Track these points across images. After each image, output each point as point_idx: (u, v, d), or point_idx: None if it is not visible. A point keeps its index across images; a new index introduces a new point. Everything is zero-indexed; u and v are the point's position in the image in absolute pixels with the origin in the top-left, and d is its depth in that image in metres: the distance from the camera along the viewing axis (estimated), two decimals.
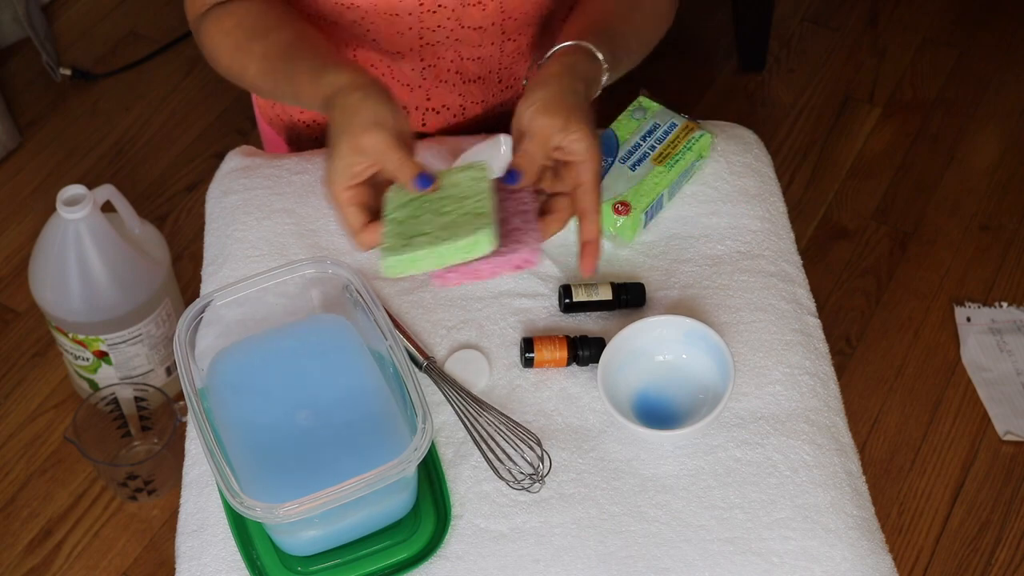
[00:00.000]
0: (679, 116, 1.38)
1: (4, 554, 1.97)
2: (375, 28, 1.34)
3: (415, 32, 1.35)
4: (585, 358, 1.23)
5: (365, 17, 1.33)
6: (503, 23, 1.37)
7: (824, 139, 2.51)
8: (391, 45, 1.37)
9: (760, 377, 1.23)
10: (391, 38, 1.36)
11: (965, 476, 2.04)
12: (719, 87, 2.60)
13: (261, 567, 1.12)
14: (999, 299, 2.25)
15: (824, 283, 2.27)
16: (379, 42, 1.37)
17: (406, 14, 1.32)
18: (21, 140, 2.51)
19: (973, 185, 2.42)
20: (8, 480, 2.04)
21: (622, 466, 1.17)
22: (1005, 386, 2.13)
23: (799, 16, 2.73)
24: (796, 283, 1.31)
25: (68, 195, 1.82)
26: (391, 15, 1.32)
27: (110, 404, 1.96)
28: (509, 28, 1.38)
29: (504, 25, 1.37)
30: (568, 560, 1.12)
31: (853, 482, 1.18)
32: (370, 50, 1.40)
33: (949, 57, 2.64)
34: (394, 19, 1.33)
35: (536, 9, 1.38)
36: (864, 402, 2.12)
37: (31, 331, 2.21)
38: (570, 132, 1.13)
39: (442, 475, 1.16)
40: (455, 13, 1.34)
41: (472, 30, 1.36)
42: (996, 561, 1.95)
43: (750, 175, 1.39)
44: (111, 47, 2.69)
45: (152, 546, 1.97)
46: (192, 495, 1.19)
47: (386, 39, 1.36)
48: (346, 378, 1.12)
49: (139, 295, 1.91)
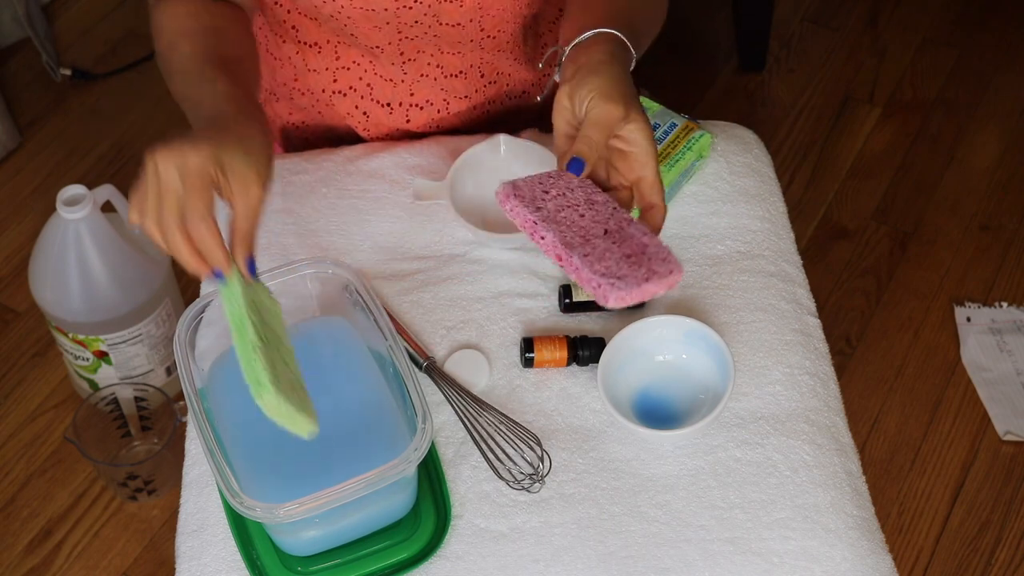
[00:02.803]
0: (679, 116, 1.38)
1: (4, 554, 1.97)
2: (352, 23, 1.34)
3: (392, 27, 1.35)
4: (585, 358, 1.22)
5: (342, 11, 1.32)
6: (481, 20, 1.36)
7: (824, 139, 2.51)
8: (369, 40, 1.36)
9: (760, 377, 1.23)
10: (368, 33, 1.35)
11: (965, 476, 2.04)
12: (719, 87, 2.60)
13: (261, 567, 1.12)
14: (999, 299, 2.25)
15: (824, 283, 2.27)
16: (357, 37, 1.36)
17: (382, 9, 1.32)
18: (21, 140, 2.51)
19: (973, 185, 2.42)
20: (8, 480, 2.04)
21: (622, 466, 1.17)
22: (1005, 386, 2.13)
23: (799, 16, 2.73)
24: (796, 283, 1.31)
25: (68, 195, 1.82)
26: (367, 10, 1.32)
27: (110, 404, 1.96)
28: (488, 25, 1.37)
29: (483, 22, 1.36)
30: (568, 560, 1.12)
31: (853, 482, 1.18)
32: (350, 46, 1.39)
33: (949, 57, 2.64)
34: (370, 14, 1.33)
35: (514, 6, 1.37)
36: (864, 402, 2.12)
37: (31, 331, 2.21)
38: (630, 121, 1.11)
39: (442, 475, 1.16)
40: (431, 9, 1.33)
41: (450, 26, 1.36)
42: (996, 561, 1.95)
43: (750, 175, 1.39)
44: (111, 47, 2.69)
45: (152, 546, 1.97)
46: (192, 495, 1.19)
47: (364, 34, 1.36)
48: (346, 378, 1.12)
49: (139, 295, 1.91)
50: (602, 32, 1.16)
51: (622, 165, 1.13)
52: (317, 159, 1.41)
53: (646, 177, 1.12)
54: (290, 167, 1.40)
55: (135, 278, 1.90)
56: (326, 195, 1.38)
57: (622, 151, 1.13)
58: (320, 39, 1.39)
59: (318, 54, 1.41)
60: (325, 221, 1.35)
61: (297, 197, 1.37)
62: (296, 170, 1.40)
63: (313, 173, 1.40)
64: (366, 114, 1.45)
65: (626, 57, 1.16)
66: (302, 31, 1.39)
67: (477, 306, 1.28)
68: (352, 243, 1.33)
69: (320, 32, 1.39)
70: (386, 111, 1.44)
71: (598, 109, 1.10)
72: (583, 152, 1.11)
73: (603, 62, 1.13)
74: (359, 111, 1.45)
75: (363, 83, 1.42)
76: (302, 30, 1.39)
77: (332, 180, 1.39)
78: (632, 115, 1.11)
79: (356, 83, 1.43)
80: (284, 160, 1.42)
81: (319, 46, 1.40)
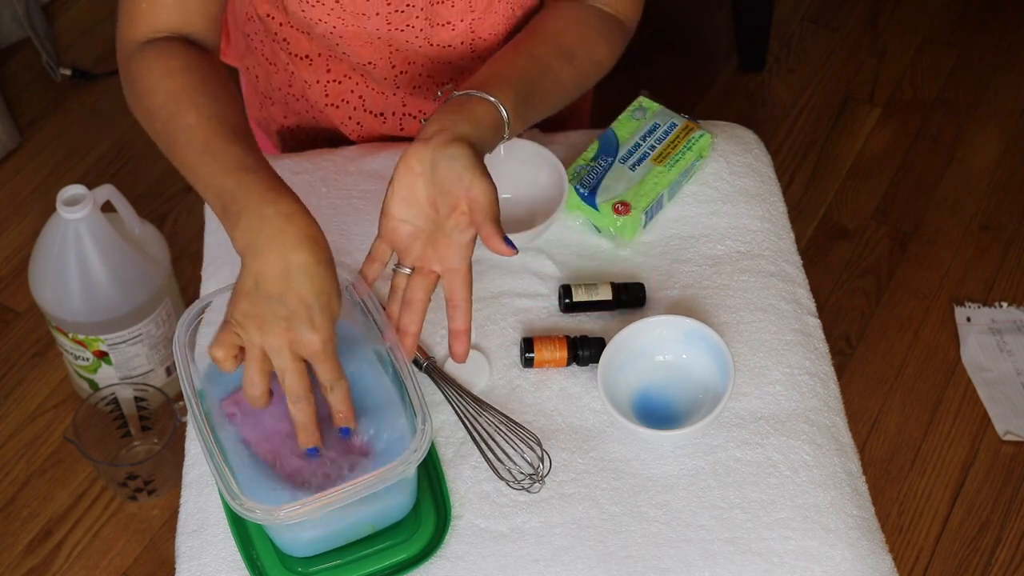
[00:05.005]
0: (679, 116, 1.38)
1: (4, 554, 1.97)
2: (344, 42, 1.34)
3: (384, 43, 1.34)
4: (585, 358, 1.22)
5: (334, 31, 1.32)
6: (472, 42, 1.36)
7: (824, 139, 2.51)
8: (361, 57, 1.36)
9: (760, 377, 1.23)
10: (360, 50, 1.35)
11: (965, 476, 2.04)
12: (719, 87, 2.60)
13: (261, 567, 1.12)
14: (999, 299, 2.25)
15: (824, 283, 2.27)
16: (349, 55, 1.36)
17: (374, 29, 1.32)
18: (21, 140, 2.51)
19: (973, 185, 2.42)
20: (8, 480, 2.04)
21: (622, 466, 1.17)
22: (1005, 386, 2.13)
23: (799, 16, 2.73)
24: (796, 283, 1.31)
25: (68, 195, 1.82)
26: (359, 28, 1.32)
27: (110, 404, 1.96)
28: (479, 47, 1.36)
29: (474, 44, 1.36)
30: (568, 560, 1.12)
31: (853, 482, 1.18)
32: (341, 61, 1.39)
33: (949, 57, 2.64)
34: (363, 33, 1.32)
35: (506, 29, 1.36)
36: (864, 402, 2.12)
37: (31, 331, 2.21)
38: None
39: (442, 475, 1.16)
40: (423, 33, 1.33)
41: (442, 48, 1.36)
42: (996, 561, 1.95)
43: (750, 175, 1.39)
44: (111, 47, 2.67)
45: (152, 546, 1.97)
46: (192, 495, 1.19)
47: (356, 51, 1.35)
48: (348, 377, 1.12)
49: (139, 295, 1.91)
50: (485, 99, 1.14)
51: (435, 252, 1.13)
52: (317, 159, 1.41)
53: (459, 270, 1.12)
54: (290, 167, 1.40)
55: (135, 278, 1.90)
56: (326, 195, 1.37)
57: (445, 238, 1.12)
58: (312, 52, 1.39)
59: (309, 66, 1.40)
60: (325, 221, 1.34)
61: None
62: (296, 170, 1.40)
63: (313, 173, 1.39)
64: (360, 124, 1.45)
65: (492, 137, 1.14)
66: (293, 44, 1.39)
67: (477, 306, 1.28)
68: (352, 243, 1.33)
69: (312, 46, 1.38)
70: (379, 120, 1.44)
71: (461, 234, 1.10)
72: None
73: (462, 140, 1.10)
74: (352, 121, 1.44)
75: (355, 95, 1.42)
76: (293, 43, 1.39)
77: (332, 180, 1.39)
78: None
79: (348, 96, 1.42)
80: (284, 160, 1.42)
81: (310, 59, 1.40)
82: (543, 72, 1.22)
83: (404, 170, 1.10)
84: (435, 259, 1.12)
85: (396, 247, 1.13)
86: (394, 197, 1.11)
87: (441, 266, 1.12)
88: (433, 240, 1.12)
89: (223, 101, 1.13)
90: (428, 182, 1.10)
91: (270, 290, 1.02)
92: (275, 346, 1.02)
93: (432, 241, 1.12)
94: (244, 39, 1.46)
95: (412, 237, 1.12)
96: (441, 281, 1.13)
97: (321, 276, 1.03)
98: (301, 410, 1.04)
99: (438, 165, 1.09)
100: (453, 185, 1.09)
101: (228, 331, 1.03)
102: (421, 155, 1.10)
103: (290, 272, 1.02)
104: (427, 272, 1.13)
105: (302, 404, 1.04)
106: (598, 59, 1.28)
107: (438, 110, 1.14)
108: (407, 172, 1.10)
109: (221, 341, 1.03)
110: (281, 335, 1.02)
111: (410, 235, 1.12)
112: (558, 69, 1.23)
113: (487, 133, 1.13)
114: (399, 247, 1.13)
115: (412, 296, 1.14)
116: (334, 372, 1.04)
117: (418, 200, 1.11)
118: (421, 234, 1.12)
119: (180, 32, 1.20)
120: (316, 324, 1.02)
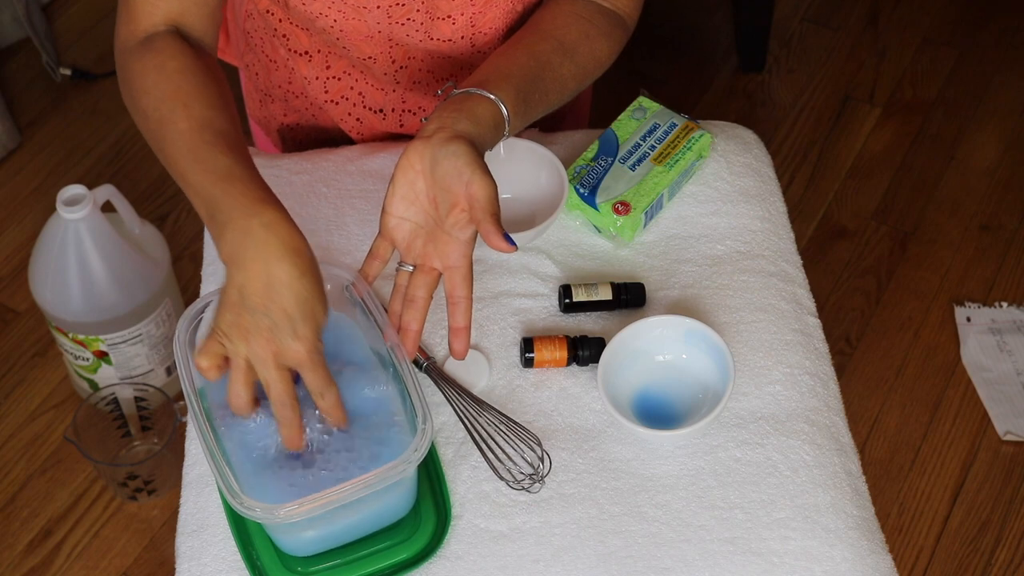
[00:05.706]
0: (679, 116, 1.38)
1: (4, 554, 1.97)
2: (344, 36, 1.34)
3: (384, 37, 1.34)
4: (585, 358, 1.22)
5: (335, 25, 1.32)
6: (472, 37, 1.36)
7: (824, 139, 2.51)
8: (361, 52, 1.36)
9: (760, 377, 1.23)
10: (360, 45, 1.35)
11: (965, 476, 2.04)
12: (719, 87, 2.60)
13: (261, 567, 1.12)
14: (999, 299, 2.25)
15: (824, 283, 2.27)
16: (349, 50, 1.36)
17: (374, 23, 1.32)
18: (21, 140, 2.51)
19: (973, 185, 2.42)
20: (8, 480, 2.04)
21: (622, 466, 1.17)
22: (1005, 386, 2.13)
23: (799, 16, 2.73)
24: (796, 283, 1.31)
25: (68, 195, 1.82)
26: (360, 22, 1.32)
27: (110, 404, 1.96)
28: (479, 42, 1.36)
29: (474, 39, 1.36)
30: (568, 560, 1.12)
31: (853, 482, 1.18)
32: (341, 56, 1.39)
33: (949, 57, 2.64)
34: (363, 28, 1.32)
35: (506, 24, 1.36)
36: (864, 402, 2.12)
37: (31, 331, 2.21)
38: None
39: (442, 475, 1.16)
40: (423, 27, 1.33)
41: (442, 42, 1.36)
42: (996, 561, 1.95)
43: (750, 175, 1.39)
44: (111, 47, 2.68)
45: (152, 546, 1.97)
46: (192, 495, 1.19)
47: (356, 46, 1.35)
48: (346, 378, 1.12)
49: (139, 295, 1.91)
50: (485, 97, 1.15)
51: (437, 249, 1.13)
52: (317, 159, 1.41)
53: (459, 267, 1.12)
54: (290, 167, 1.40)
55: (135, 278, 1.90)
56: (326, 195, 1.37)
57: (445, 235, 1.12)
58: (311, 48, 1.39)
59: (309, 62, 1.40)
60: (325, 221, 1.35)
61: (297, 197, 1.37)
62: (296, 170, 1.40)
63: (313, 173, 1.39)
64: (359, 120, 1.45)
65: (492, 135, 1.15)
66: (293, 40, 1.39)
67: (477, 306, 1.28)
68: (352, 243, 1.33)
69: (311, 42, 1.38)
70: (379, 117, 1.44)
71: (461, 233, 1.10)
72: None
73: (461, 137, 1.10)
74: (352, 117, 1.44)
75: (355, 92, 1.42)
76: (293, 39, 1.39)
77: (332, 180, 1.39)
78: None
79: (348, 92, 1.42)
80: (284, 160, 1.42)
81: (310, 55, 1.40)
82: (543, 69, 1.22)
83: (404, 167, 1.11)
84: (436, 256, 1.13)
85: (397, 245, 1.14)
86: (394, 195, 1.12)
87: (442, 263, 1.13)
88: (434, 237, 1.12)
89: (216, 107, 1.13)
90: (428, 179, 1.10)
91: (254, 303, 1.02)
92: (260, 357, 1.03)
93: (433, 238, 1.12)
94: (244, 36, 1.46)
95: (413, 234, 1.13)
96: (442, 278, 1.14)
97: (303, 287, 1.03)
98: (286, 416, 1.04)
99: (438, 162, 1.09)
100: (453, 182, 1.09)
101: (214, 341, 1.04)
102: (421, 152, 1.10)
103: (272, 285, 1.02)
104: (428, 269, 1.13)
105: (287, 411, 1.04)
106: (598, 56, 1.28)
107: (438, 107, 1.14)
108: (407, 169, 1.11)
109: (206, 350, 1.04)
110: (265, 347, 1.02)
111: (411, 232, 1.12)
112: (558, 65, 1.23)
113: (487, 130, 1.14)
114: (400, 245, 1.13)
115: (413, 294, 1.14)
116: (323, 380, 1.04)
117: (418, 197, 1.11)
118: (422, 231, 1.12)
119: (177, 23, 1.20)
120: (299, 334, 1.02)
